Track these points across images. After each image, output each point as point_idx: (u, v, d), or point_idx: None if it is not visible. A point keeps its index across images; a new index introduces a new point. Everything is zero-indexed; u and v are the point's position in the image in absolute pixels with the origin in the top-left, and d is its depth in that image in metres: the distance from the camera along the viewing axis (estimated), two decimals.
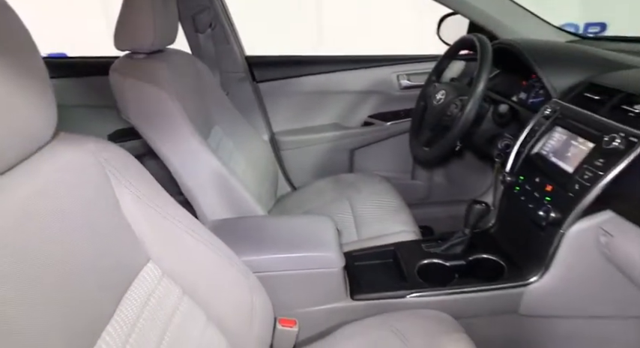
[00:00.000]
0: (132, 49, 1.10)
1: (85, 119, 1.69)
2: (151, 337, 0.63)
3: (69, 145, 0.60)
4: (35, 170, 0.53)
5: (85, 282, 0.54)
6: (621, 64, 1.08)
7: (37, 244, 0.50)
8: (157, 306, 0.66)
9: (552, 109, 1.04)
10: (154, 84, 1.05)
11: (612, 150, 0.82)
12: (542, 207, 0.92)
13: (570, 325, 0.98)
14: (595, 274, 0.90)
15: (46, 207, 0.52)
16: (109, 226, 0.62)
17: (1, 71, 0.47)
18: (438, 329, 0.86)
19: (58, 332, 0.50)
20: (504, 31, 1.48)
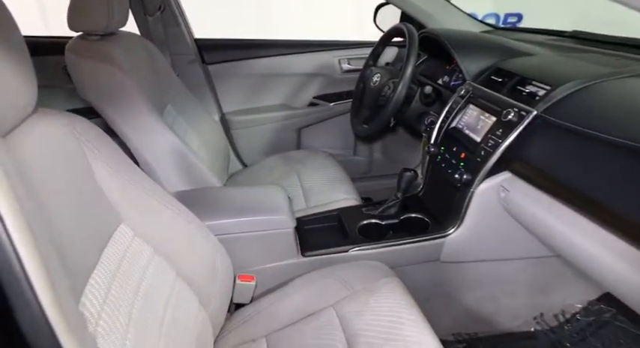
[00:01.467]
0: (86, 31, 1.12)
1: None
2: (128, 287, 0.71)
3: (47, 119, 0.66)
4: (20, 141, 0.59)
5: (71, 235, 0.61)
6: (522, 52, 1.27)
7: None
8: (132, 262, 0.74)
9: (466, 89, 1.21)
10: (111, 64, 1.09)
11: (508, 122, 1.00)
12: (458, 171, 1.09)
13: (481, 268, 1.18)
14: (498, 223, 1.09)
15: (33, 172, 0.59)
16: (85, 191, 0.69)
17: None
18: (375, 276, 1.01)
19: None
20: (431, 21, 1.64)
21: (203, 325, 0.86)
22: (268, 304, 1.00)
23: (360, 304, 0.93)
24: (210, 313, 0.88)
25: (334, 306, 0.95)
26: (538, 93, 0.99)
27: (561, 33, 1.54)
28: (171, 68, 1.50)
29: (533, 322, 1.25)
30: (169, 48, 1.64)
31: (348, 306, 0.93)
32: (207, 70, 1.72)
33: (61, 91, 1.67)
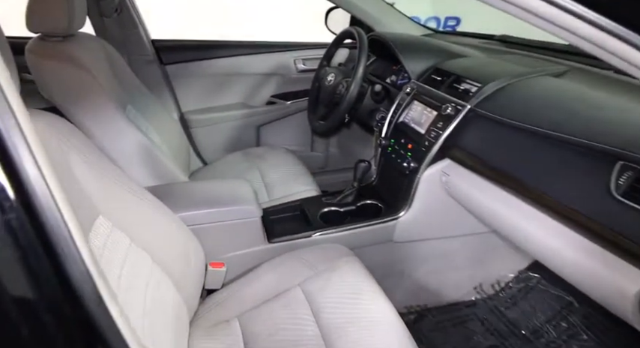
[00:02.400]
0: (46, 32, 1.12)
1: None
2: (111, 274, 0.75)
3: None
4: None
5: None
6: (458, 54, 1.42)
7: None
8: (112, 251, 0.78)
9: (411, 87, 1.34)
10: (75, 65, 1.10)
11: (447, 115, 1.13)
12: (406, 160, 1.22)
13: (428, 245, 1.31)
14: (441, 205, 1.22)
15: None
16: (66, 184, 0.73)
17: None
18: (336, 256, 1.10)
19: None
20: (378, 25, 1.77)
21: (180, 307, 0.91)
22: (238, 288, 1.07)
23: (324, 281, 1.02)
24: (185, 298, 0.93)
25: (300, 285, 1.03)
26: (471, 90, 1.13)
27: (491, 37, 1.72)
28: (129, 69, 1.51)
29: (474, 292, 1.41)
30: (127, 49, 1.65)
31: (312, 284, 1.02)
32: (165, 71, 1.74)
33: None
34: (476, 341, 1.27)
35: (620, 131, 0.78)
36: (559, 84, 1.07)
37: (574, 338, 1.20)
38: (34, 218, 0.34)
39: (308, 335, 0.91)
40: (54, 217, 0.35)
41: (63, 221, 0.35)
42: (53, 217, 0.35)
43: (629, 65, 0.50)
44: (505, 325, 1.31)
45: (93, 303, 0.37)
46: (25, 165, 0.34)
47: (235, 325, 0.97)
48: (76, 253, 0.35)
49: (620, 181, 0.72)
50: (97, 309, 0.37)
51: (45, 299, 0.36)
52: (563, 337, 1.22)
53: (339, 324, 0.91)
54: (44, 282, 0.35)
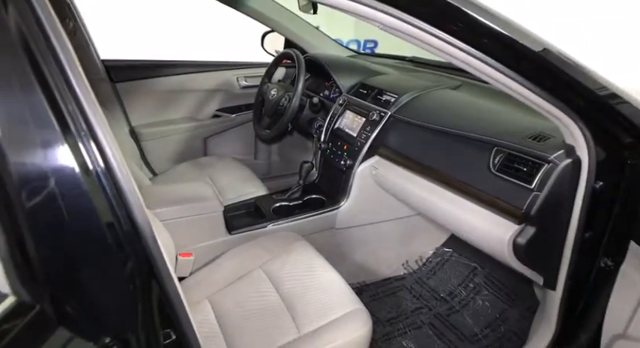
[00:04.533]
0: None
1: None
2: None
3: None
4: None
5: None
6: (378, 72, 1.68)
7: None
8: None
9: (343, 99, 1.57)
10: None
11: (373, 121, 1.37)
12: (342, 159, 1.43)
13: (364, 230, 1.52)
14: (373, 195, 1.45)
15: None
16: None
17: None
18: (289, 242, 1.27)
19: None
20: (309, 47, 1.99)
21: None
22: (205, 274, 1.18)
23: (281, 262, 1.18)
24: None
25: (261, 267, 1.18)
26: (390, 100, 1.38)
27: (403, 58, 2.02)
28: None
29: (402, 268, 1.65)
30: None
31: (271, 265, 1.17)
32: (115, 88, 1.79)
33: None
34: (405, 306, 1.50)
35: (493, 127, 1.06)
36: (455, 94, 1.36)
37: (479, 294, 1.48)
38: (116, 181, 0.49)
39: (272, 303, 1.06)
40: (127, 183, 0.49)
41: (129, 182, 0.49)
42: (126, 182, 0.49)
43: (480, 74, 0.74)
44: (427, 291, 1.56)
45: (151, 241, 0.51)
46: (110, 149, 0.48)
47: (206, 304, 1.09)
48: (140, 205, 0.49)
49: (495, 161, 0.99)
50: (154, 246, 0.51)
51: (122, 234, 0.50)
52: (471, 295, 1.49)
53: (297, 291, 1.08)
54: (123, 224, 0.49)
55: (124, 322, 0.53)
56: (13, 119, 0.45)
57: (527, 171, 0.92)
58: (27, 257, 0.45)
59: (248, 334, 0.99)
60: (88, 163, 0.47)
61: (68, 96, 0.47)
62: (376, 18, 0.68)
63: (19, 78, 0.45)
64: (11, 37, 0.45)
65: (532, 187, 0.89)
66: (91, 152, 0.47)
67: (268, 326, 1.00)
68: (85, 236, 0.48)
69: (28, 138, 0.46)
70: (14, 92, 0.45)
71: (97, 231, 0.49)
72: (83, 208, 0.48)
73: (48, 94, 0.46)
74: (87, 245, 0.49)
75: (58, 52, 0.47)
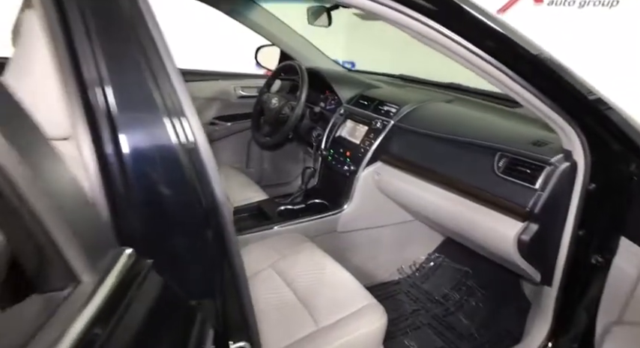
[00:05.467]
0: None
1: None
2: None
3: None
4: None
5: None
6: (374, 86, 1.76)
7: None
8: None
9: (344, 110, 1.63)
10: None
11: (376, 129, 1.43)
12: (345, 164, 1.48)
13: (364, 234, 1.57)
14: (374, 200, 1.50)
15: None
16: None
17: None
18: (297, 243, 1.29)
19: None
20: (304, 61, 2.05)
21: None
22: None
23: (291, 261, 1.20)
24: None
25: (271, 266, 1.19)
26: (391, 110, 1.46)
27: (392, 75, 2.13)
28: None
29: (397, 273, 1.70)
30: None
31: (281, 264, 1.19)
32: None
33: None
34: (403, 308, 1.54)
35: (495, 134, 1.14)
36: (451, 107, 1.45)
37: (471, 296, 1.54)
38: (202, 158, 0.52)
39: (286, 298, 1.07)
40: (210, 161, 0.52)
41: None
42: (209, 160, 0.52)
43: (494, 79, 0.82)
44: (423, 294, 1.61)
45: (227, 216, 0.54)
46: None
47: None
48: (219, 183, 0.53)
49: (500, 164, 1.07)
50: (228, 222, 0.54)
51: (206, 208, 0.52)
52: (464, 297, 1.55)
53: (311, 288, 1.09)
54: (206, 199, 0.52)
55: (204, 288, 0.55)
56: (124, 97, 0.48)
57: (530, 173, 1.00)
58: (125, 223, 0.47)
59: (267, 327, 0.99)
60: (181, 140, 0.50)
61: (164, 78, 0.50)
62: (410, 25, 0.74)
63: (130, 61, 0.49)
64: (124, 25, 0.49)
65: (536, 187, 0.97)
66: (183, 130, 0.51)
67: (286, 319, 1.01)
68: (177, 207, 0.51)
69: (135, 115, 0.49)
70: (127, 74, 0.49)
71: (186, 202, 0.51)
72: (177, 180, 0.51)
73: (151, 75, 0.49)
74: (177, 214, 0.51)
75: (156, 38, 0.51)
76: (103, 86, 0.47)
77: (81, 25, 0.47)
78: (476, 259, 1.52)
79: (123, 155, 0.48)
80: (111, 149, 0.48)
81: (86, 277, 0.36)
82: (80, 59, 0.47)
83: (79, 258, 0.35)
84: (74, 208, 0.39)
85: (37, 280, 0.35)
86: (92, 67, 0.47)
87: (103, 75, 0.47)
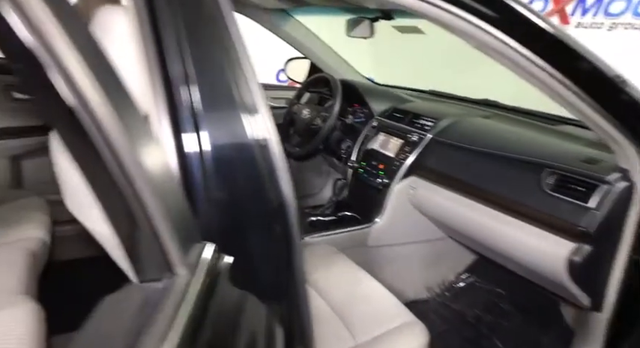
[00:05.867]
0: None
1: None
2: None
3: None
4: None
5: None
6: (406, 99, 1.76)
7: None
8: None
9: (377, 122, 1.63)
10: None
11: (412, 142, 1.42)
12: (378, 177, 1.46)
13: (394, 250, 1.53)
14: (406, 215, 1.47)
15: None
16: None
17: None
18: (329, 255, 1.26)
19: None
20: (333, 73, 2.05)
21: None
22: None
23: (324, 273, 1.17)
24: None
25: None
26: (427, 124, 1.44)
27: (422, 91, 2.12)
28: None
29: (425, 291, 1.65)
30: None
31: (314, 276, 1.16)
32: None
33: (1, 109, 1.60)
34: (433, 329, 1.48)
35: (541, 150, 1.12)
36: (490, 122, 1.43)
37: (506, 319, 1.49)
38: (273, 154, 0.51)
39: (322, 311, 1.04)
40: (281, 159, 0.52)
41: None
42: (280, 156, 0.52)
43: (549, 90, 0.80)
44: (453, 315, 1.56)
45: (291, 219, 0.52)
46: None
47: None
48: (287, 180, 0.52)
49: (548, 181, 1.04)
50: (293, 221, 0.53)
51: (275, 204, 0.51)
52: (497, 319, 1.50)
53: (346, 301, 1.07)
54: (275, 195, 0.51)
55: (270, 289, 0.54)
56: (208, 95, 0.50)
57: (584, 191, 0.97)
58: (202, 218, 0.46)
59: None
60: (256, 137, 0.50)
61: (242, 77, 0.51)
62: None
63: (214, 61, 0.51)
64: (210, 26, 0.51)
65: (590, 206, 0.94)
66: (258, 127, 0.51)
67: (323, 333, 0.98)
68: (250, 204, 0.50)
69: (217, 113, 0.51)
70: (210, 73, 0.51)
71: (259, 200, 0.51)
72: (251, 177, 0.50)
73: (232, 74, 0.50)
74: (251, 212, 0.51)
75: (235, 38, 0.51)
76: (188, 85, 0.48)
77: (171, 26, 0.49)
78: (510, 280, 1.47)
79: (203, 152, 0.49)
80: (192, 146, 0.48)
81: (180, 269, 0.35)
82: (168, 59, 0.48)
83: (176, 250, 0.34)
84: (172, 199, 0.38)
85: (136, 270, 0.34)
86: (180, 66, 0.48)
87: (190, 74, 0.49)
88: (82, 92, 0.30)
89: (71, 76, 0.29)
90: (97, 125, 0.30)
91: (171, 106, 0.48)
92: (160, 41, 0.48)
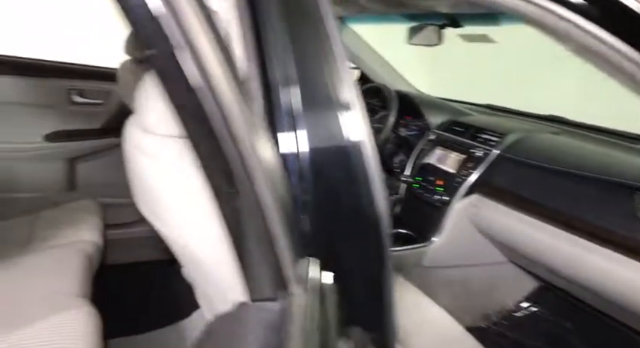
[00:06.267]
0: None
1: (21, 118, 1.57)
2: None
3: None
4: None
5: None
6: (464, 112, 1.68)
7: None
8: None
9: (433, 135, 1.56)
10: None
11: (477, 158, 1.34)
12: (436, 194, 1.39)
13: (452, 272, 1.44)
14: (466, 235, 1.38)
15: None
16: None
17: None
18: None
19: None
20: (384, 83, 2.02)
21: None
22: None
23: None
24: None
25: None
26: (492, 139, 1.36)
27: (476, 104, 2.04)
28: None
29: (483, 318, 1.55)
30: None
31: None
32: None
33: (60, 112, 1.64)
34: None
35: (630, 171, 1.02)
36: (562, 139, 1.34)
37: None
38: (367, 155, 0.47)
39: None
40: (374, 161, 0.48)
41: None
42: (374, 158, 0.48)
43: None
44: (512, 346, 1.44)
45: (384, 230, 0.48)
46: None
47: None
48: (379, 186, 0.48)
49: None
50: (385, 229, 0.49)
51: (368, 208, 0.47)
52: None
53: (408, 327, 1.00)
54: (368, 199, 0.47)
55: (369, 303, 0.49)
56: (308, 95, 0.48)
57: None
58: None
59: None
60: (352, 139, 0.47)
61: (338, 75, 0.48)
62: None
63: (315, 59, 0.49)
64: (310, 24, 0.49)
65: None
66: (353, 128, 0.48)
67: None
68: (347, 212, 0.47)
69: (315, 114, 0.48)
70: (311, 72, 0.49)
71: (355, 208, 0.47)
72: (348, 182, 0.47)
73: (330, 73, 0.47)
74: (348, 221, 0.47)
75: (332, 35, 0.48)
76: (289, 85, 0.46)
77: (273, 26, 0.46)
78: (580, 312, 1.35)
79: (300, 154, 0.45)
80: (289, 149, 0.45)
81: (295, 288, 0.31)
82: (268, 59, 0.46)
83: (291, 267, 0.30)
84: (288, 208, 0.35)
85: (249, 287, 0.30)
86: (280, 66, 0.46)
87: (290, 74, 0.46)
88: (211, 76, 0.27)
89: (202, 58, 0.27)
90: (222, 114, 0.28)
91: (268, 109, 0.45)
92: (259, 41, 0.46)
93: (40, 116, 1.65)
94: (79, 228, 1.34)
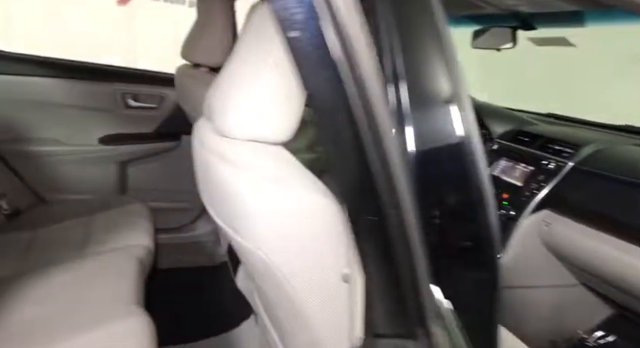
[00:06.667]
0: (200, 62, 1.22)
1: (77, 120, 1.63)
2: None
3: None
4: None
5: None
6: (528, 121, 1.58)
7: None
8: None
9: (497, 146, 1.48)
10: None
11: (548, 171, 1.25)
12: (502, 208, 1.30)
13: (515, 293, 1.34)
14: (534, 254, 1.28)
15: None
16: None
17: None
18: None
19: None
20: None
21: None
22: None
23: None
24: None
25: None
26: (565, 150, 1.26)
27: (538, 113, 1.92)
28: None
29: (549, 346, 1.43)
30: None
31: None
32: None
33: (115, 116, 1.69)
34: None
35: None
36: None
37: None
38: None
39: None
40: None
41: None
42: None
43: None
44: None
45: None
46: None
47: None
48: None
49: None
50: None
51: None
52: None
53: None
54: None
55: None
56: (416, 92, 0.45)
57: None
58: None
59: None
60: (462, 135, 0.45)
61: (449, 69, 0.44)
62: None
63: (424, 54, 0.46)
64: (420, 17, 0.47)
65: None
66: (462, 124, 0.46)
67: None
68: (460, 218, 0.42)
69: (424, 111, 0.45)
70: (420, 68, 0.46)
71: (467, 213, 0.43)
72: (460, 184, 0.43)
73: (440, 67, 0.43)
74: (461, 229, 0.43)
75: (441, 27, 0.45)
76: (397, 82, 0.42)
77: (384, 22, 0.44)
78: None
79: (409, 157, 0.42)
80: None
81: (433, 325, 0.26)
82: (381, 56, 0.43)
83: (429, 302, 0.26)
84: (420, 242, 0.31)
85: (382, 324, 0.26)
86: (389, 62, 0.42)
87: (399, 70, 0.42)
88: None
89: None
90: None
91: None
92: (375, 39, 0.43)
93: (95, 119, 1.69)
94: (133, 231, 1.36)
